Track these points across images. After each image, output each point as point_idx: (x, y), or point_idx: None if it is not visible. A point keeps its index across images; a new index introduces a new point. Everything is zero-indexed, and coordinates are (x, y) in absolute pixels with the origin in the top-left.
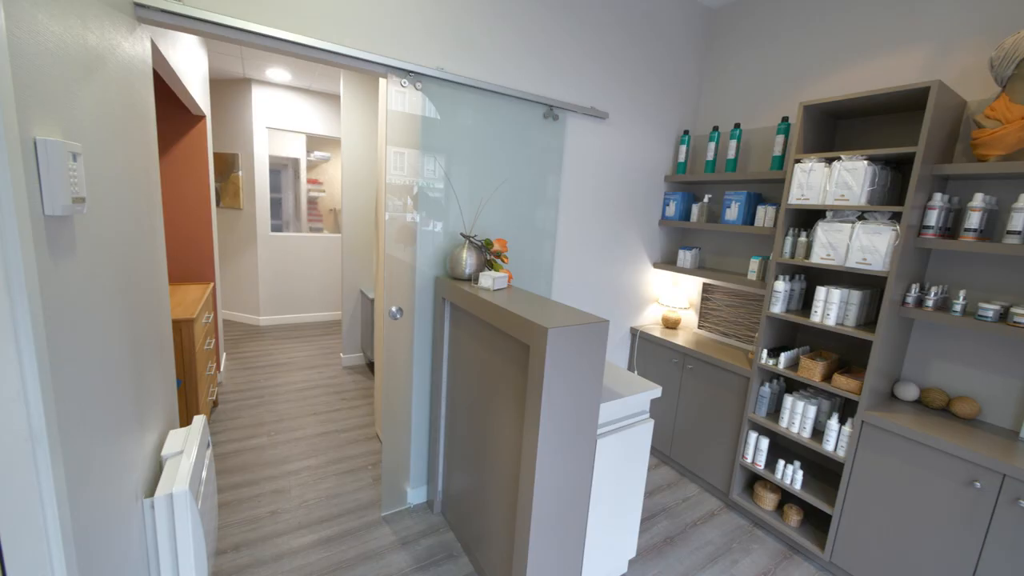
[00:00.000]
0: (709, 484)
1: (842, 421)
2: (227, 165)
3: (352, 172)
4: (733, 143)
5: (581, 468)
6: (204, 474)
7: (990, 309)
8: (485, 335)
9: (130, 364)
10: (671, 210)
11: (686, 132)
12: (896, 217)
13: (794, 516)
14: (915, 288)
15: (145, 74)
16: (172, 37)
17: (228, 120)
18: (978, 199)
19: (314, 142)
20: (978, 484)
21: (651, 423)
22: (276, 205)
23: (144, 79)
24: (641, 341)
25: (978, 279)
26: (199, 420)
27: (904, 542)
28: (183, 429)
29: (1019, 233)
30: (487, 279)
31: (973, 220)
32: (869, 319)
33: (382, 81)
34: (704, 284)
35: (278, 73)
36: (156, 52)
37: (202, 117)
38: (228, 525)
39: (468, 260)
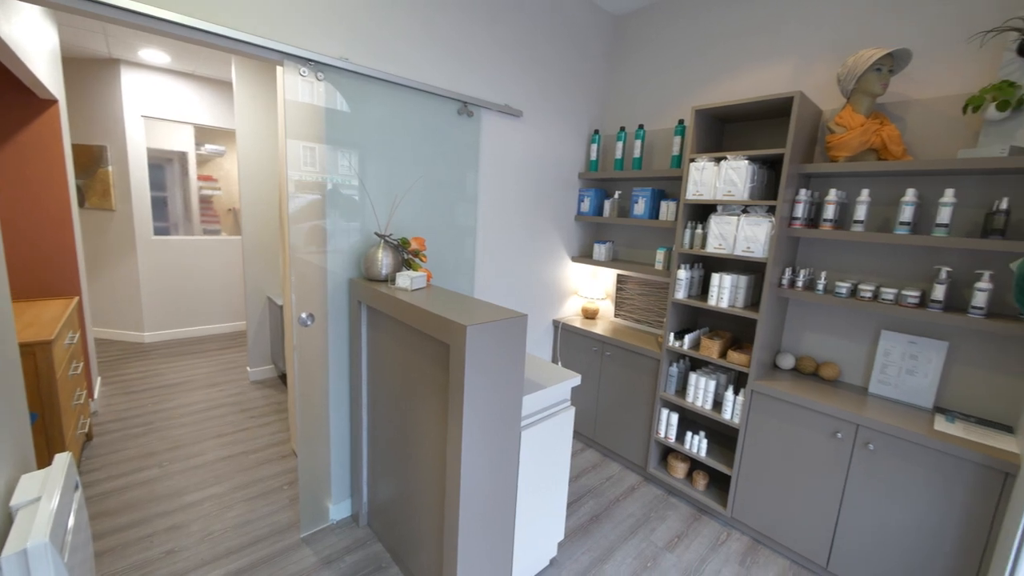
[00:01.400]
0: (629, 461)
1: (736, 392)
2: (93, 159)
3: (250, 167)
4: (638, 143)
5: (506, 461)
6: (71, 521)
7: (844, 286)
8: (404, 336)
9: None
10: (586, 206)
11: (596, 131)
12: (772, 210)
13: (701, 481)
14: (788, 271)
15: None
16: (3, 6)
17: (91, 107)
18: (832, 194)
19: (204, 134)
20: (839, 435)
21: (572, 410)
22: (160, 205)
23: None
24: (563, 332)
25: (835, 262)
26: (62, 459)
27: (787, 490)
28: (41, 471)
29: (862, 222)
30: (405, 279)
31: (829, 212)
32: (755, 300)
33: (279, 69)
34: (618, 275)
35: (153, 54)
36: None
37: (53, 102)
38: (112, 574)
39: (384, 260)
